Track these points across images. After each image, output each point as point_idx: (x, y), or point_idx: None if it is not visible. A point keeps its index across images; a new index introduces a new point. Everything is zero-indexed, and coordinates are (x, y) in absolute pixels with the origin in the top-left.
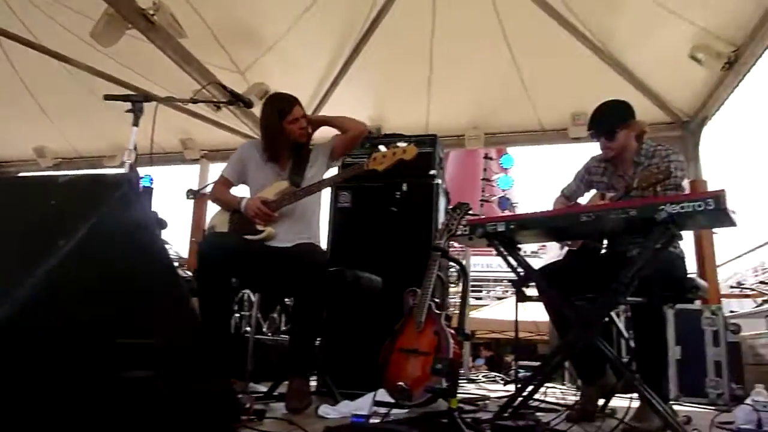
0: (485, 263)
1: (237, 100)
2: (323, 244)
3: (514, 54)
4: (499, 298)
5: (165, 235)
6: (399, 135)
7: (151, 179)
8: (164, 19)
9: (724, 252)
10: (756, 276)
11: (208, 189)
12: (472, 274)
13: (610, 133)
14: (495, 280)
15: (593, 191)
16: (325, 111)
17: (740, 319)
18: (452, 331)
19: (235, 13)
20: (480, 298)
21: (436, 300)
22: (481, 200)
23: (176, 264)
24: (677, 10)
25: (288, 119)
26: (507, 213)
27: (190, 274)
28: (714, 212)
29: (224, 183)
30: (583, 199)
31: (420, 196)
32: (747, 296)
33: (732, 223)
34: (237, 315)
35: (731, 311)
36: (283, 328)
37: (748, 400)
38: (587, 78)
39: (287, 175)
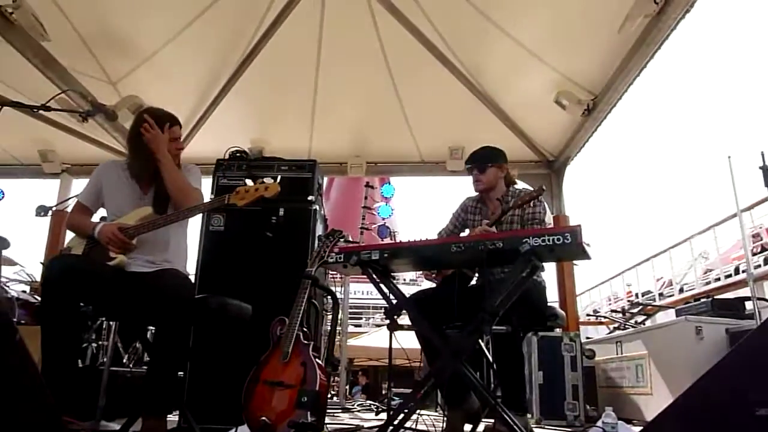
0: (365, 290)
1: (98, 111)
2: (191, 269)
3: (397, 86)
4: (378, 326)
5: (10, 254)
6: (278, 159)
7: (2, 192)
8: (25, 19)
9: (583, 282)
10: (609, 305)
11: (68, 205)
12: (351, 300)
13: (482, 166)
14: (374, 308)
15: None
16: (205, 131)
17: (595, 345)
18: (320, 362)
19: (109, 19)
20: (359, 325)
21: (305, 329)
22: (361, 228)
23: (26, 288)
24: (543, 56)
25: (166, 134)
26: (387, 241)
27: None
28: (571, 246)
29: (80, 209)
30: None
31: (297, 221)
32: (601, 323)
33: (587, 257)
34: (94, 345)
35: (587, 337)
36: (147, 359)
37: (599, 422)
38: (464, 114)
39: (151, 200)
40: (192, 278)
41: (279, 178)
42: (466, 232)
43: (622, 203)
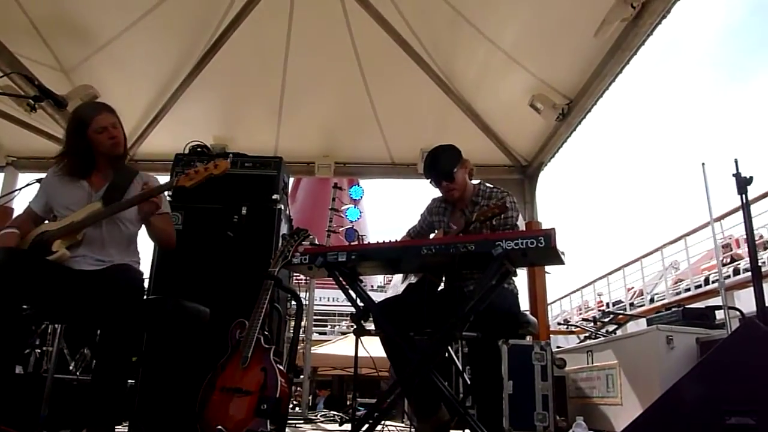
0: (331, 296)
1: (46, 96)
2: (146, 270)
3: (369, 84)
4: (344, 334)
5: None
6: (242, 155)
7: None
8: None
9: (554, 291)
10: (580, 314)
11: (11, 199)
12: (316, 307)
13: (449, 175)
14: (340, 315)
15: (436, 232)
16: (164, 125)
17: (565, 354)
18: (282, 368)
19: (62, 2)
20: (324, 333)
21: (266, 333)
22: (328, 230)
23: None
24: (519, 59)
25: (93, 128)
26: (354, 244)
27: None
28: (545, 250)
29: (28, 214)
30: None
31: (260, 221)
32: (572, 332)
33: (561, 262)
34: (38, 350)
35: (558, 347)
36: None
37: None
38: (437, 116)
39: (101, 195)
40: (146, 278)
41: (230, 158)
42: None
43: (595, 211)
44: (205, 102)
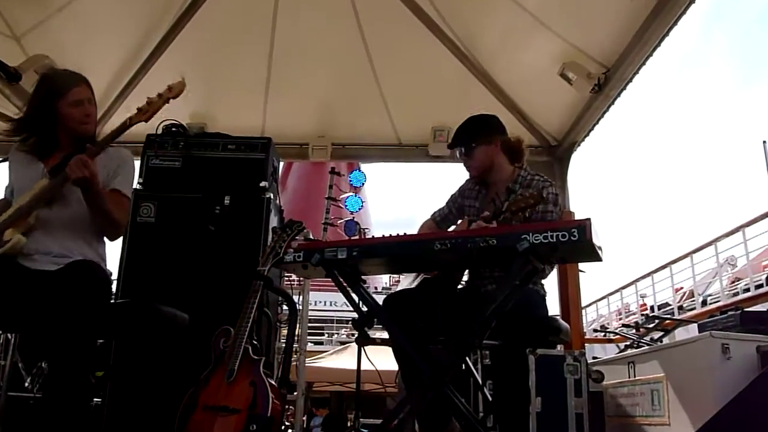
0: (329, 300)
1: None
2: (113, 270)
3: (372, 52)
4: (343, 344)
5: None
6: (224, 136)
7: None
8: None
9: (590, 292)
10: (620, 319)
11: None
12: (311, 313)
13: (466, 147)
14: (339, 322)
15: (460, 222)
16: (133, 101)
17: (603, 366)
18: (273, 383)
19: None
20: (321, 343)
21: (255, 342)
22: (324, 223)
23: None
24: (547, 21)
25: (67, 100)
26: (355, 239)
27: None
28: (578, 244)
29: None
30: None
31: (246, 212)
32: (611, 341)
33: (597, 258)
34: None
35: (594, 357)
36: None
37: None
38: (452, 89)
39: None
40: (114, 279)
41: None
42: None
43: (636, 199)
44: (180, 74)
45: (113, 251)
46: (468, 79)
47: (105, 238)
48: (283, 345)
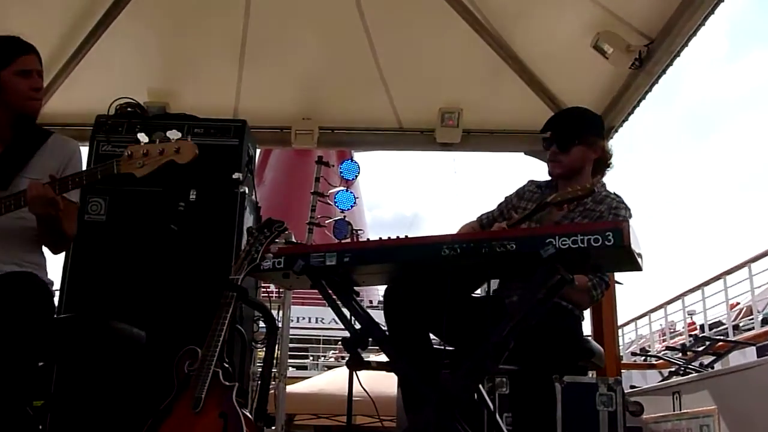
0: (314, 316)
1: None
2: (56, 279)
3: (367, 20)
4: (331, 368)
5: None
6: (190, 117)
7: None
8: None
9: (628, 309)
10: (663, 341)
11: None
12: (293, 330)
13: (564, 142)
14: (326, 342)
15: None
16: (80, 75)
17: (642, 397)
18: (247, 414)
19: None
20: (304, 368)
21: (226, 365)
22: (310, 223)
23: None
24: None
25: (13, 69)
26: (346, 242)
27: None
28: (614, 250)
29: None
30: None
31: (216, 209)
32: (652, 366)
33: (637, 267)
34: None
35: (632, 386)
36: None
37: None
38: (462, 63)
39: None
40: (56, 290)
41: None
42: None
43: (683, 196)
44: (138, 42)
45: (55, 256)
46: (483, 52)
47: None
48: (260, 369)
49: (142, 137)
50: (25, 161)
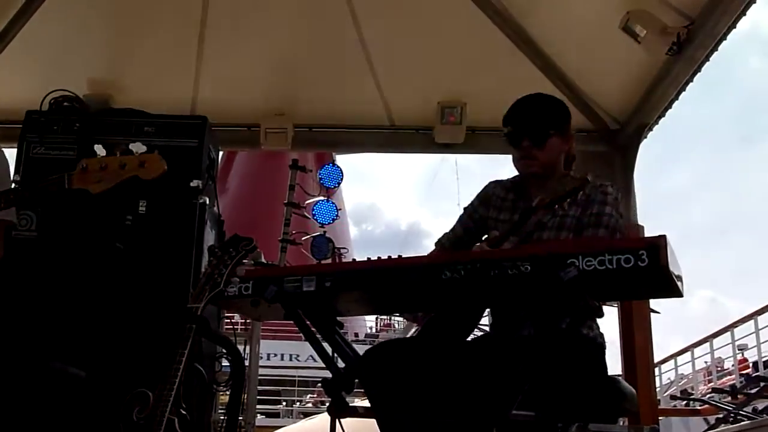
0: (288, 352)
1: None
2: None
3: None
4: (308, 415)
5: None
6: (139, 113)
7: None
8: None
9: (666, 343)
10: (709, 381)
11: None
12: (263, 370)
13: (539, 134)
14: (302, 384)
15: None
16: (7, 61)
17: None
18: None
19: None
20: (276, 415)
21: (183, 412)
22: (283, 240)
23: None
24: None
25: None
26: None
27: None
28: (649, 272)
29: None
30: None
31: (170, 224)
32: (696, 412)
33: (676, 293)
34: None
35: None
36: None
37: None
38: (468, 49)
39: None
40: None
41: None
42: None
43: (730, 209)
44: (77, 24)
45: None
46: (492, 35)
47: None
48: (223, 417)
49: (99, 149)
50: None
